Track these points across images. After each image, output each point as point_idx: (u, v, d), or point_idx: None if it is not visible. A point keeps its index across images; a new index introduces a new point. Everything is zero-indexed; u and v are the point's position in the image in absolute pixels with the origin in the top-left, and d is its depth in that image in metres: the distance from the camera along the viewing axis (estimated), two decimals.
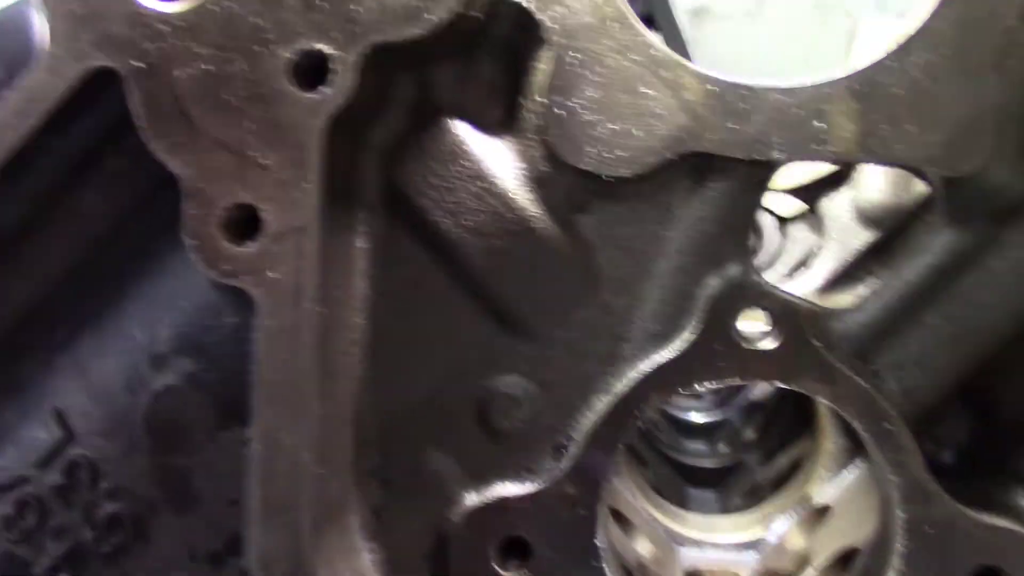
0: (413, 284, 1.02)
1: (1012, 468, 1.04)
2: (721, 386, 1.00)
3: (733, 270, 0.98)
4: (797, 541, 1.35)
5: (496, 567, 1.01)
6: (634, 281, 1.00)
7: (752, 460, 1.83)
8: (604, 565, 1.01)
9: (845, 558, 1.24)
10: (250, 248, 0.89)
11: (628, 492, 1.38)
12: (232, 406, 0.98)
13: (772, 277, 1.68)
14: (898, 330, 0.99)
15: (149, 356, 1.01)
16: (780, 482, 1.53)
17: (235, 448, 0.97)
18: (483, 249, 0.99)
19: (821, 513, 1.29)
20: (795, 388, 0.98)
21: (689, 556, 1.38)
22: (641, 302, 1.00)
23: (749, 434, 1.93)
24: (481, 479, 1.04)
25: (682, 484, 1.84)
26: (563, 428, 1.02)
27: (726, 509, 1.68)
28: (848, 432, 1.18)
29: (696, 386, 0.99)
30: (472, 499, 1.03)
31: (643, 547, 1.32)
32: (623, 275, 1.00)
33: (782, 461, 1.60)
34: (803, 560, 1.32)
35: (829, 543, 1.26)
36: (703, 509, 1.77)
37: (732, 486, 1.83)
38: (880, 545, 1.06)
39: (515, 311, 1.01)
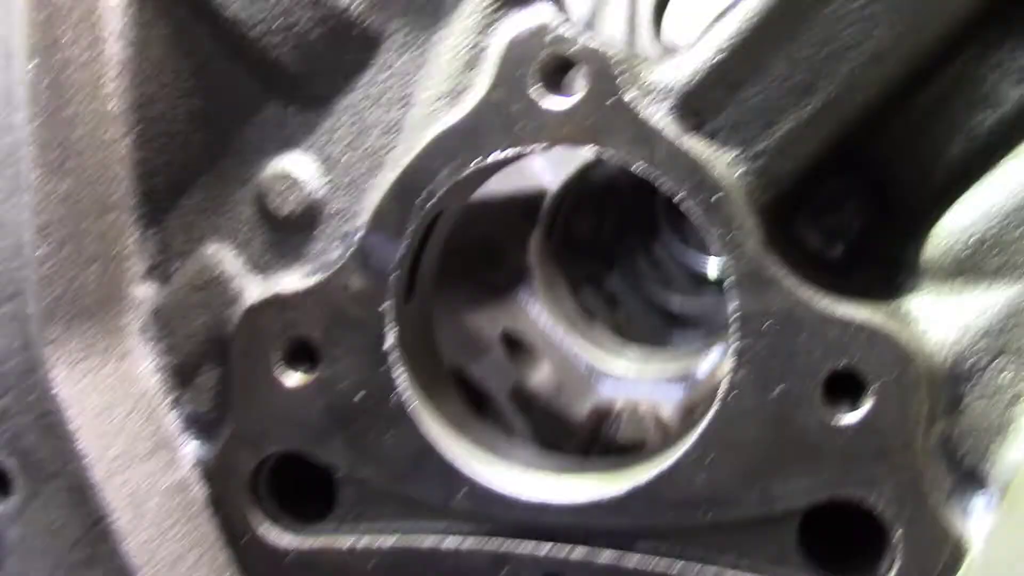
0: (179, 47, 0.89)
1: (903, 256, 0.82)
2: (521, 153, 0.82)
3: (532, 11, 0.81)
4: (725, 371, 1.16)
5: (277, 371, 0.88)
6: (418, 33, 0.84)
7: None
8: (395, 375, 0.86)
9: None
10: None
11: (543, 318, 1.23)
12: None
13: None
14: (737, 80, 0.79)
15: None
16: None
17: None
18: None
19: None
20: (607, 156, 0.80)
21: (607, 390, 1.22)
22: (426, 58, 0.84)
23: None
24: (264, 272, 0.91)
25: (663, 326, 1.67)
26: (352, 213, 0.88)
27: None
28: None
29: (494, 155, 0.82)
30: (254, 295, 0.90)
31: (539, 376, 1.17)
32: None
33: None
34: None
35: None
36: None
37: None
38: None
39: (292, 73, 0.86)
